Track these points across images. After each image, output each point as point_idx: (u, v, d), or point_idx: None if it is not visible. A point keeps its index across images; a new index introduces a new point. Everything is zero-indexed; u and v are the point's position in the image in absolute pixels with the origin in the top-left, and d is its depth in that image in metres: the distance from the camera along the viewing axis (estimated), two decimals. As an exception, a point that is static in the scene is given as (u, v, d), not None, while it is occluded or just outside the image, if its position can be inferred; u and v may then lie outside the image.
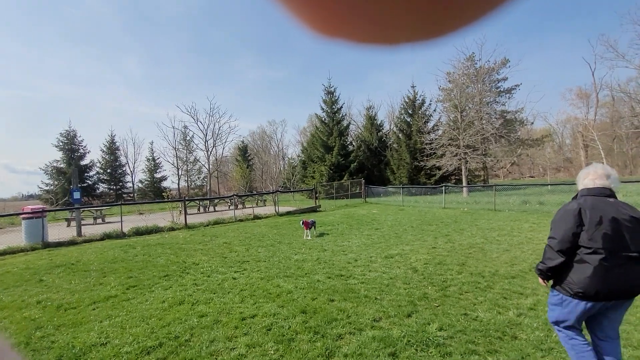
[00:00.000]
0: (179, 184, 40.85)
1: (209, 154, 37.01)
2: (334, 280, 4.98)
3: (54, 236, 10.62)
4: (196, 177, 42.57)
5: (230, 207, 18.96)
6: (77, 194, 11.39)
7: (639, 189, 16.53)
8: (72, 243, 9.95)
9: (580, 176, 2.33)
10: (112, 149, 38.71)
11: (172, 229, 11.95)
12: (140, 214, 18.44)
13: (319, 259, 6.42)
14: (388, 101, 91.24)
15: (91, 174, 36.41)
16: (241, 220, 13.86)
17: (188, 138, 39.85)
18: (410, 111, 31.95)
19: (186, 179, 40.94)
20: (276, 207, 16.07)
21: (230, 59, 78.13)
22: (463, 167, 24.76)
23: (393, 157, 31.30)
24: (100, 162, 37.80)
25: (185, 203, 13.80)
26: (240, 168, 34.59)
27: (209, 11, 73.75)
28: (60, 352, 3.16)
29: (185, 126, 39.78)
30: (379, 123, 35.43)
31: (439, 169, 26.67)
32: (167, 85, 70.09)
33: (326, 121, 32.48)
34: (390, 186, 25.31)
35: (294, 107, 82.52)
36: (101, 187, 37.59)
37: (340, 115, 32.76)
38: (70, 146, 34.38)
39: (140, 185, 40.55)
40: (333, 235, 9.15)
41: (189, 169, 40.82)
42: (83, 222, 13.87)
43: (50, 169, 32.62)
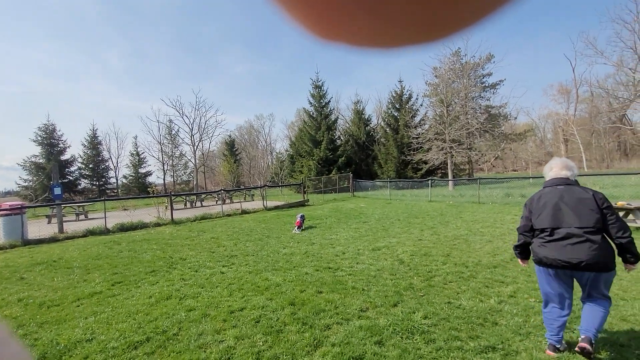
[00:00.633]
0: (164, 179, 40.12)
1: (195, 148, 36.46)
2: (322, 273, 5.04)
3: (34, 233, 10.31)
4: (182, 172, 41.91)
5: (218, 202, 18.78)
6: (58, 190, 11.06)
7: (614, 182, 17.23)
8: (54, 240, 9.69)
9: (545, 169, 2.78)
10: (94, 144, 37.60)
11: (158, 225, 11.77)
12: (125, 209, 18.07)
13: (307, 252, 6.47)
14: (376, 96, 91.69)
15: (72, 169, 35.32)
16: (229, 215, 13.76)
17: (173, 132, 39.13)
18: (397, 106, 32.18)
19: (172, 174, 40.25)
20: (264, 202, 16.01)
21: (216, 52, 76.75)
22: (449, 161, 25.19)
23: (381, 152, 31.54)
24: (82, 157, 36.68)
25: (172, 198, 13.59)
26: (227, 163, 34.25)
27: (193, 3, 71.97)
28: (44, 350, 3.11)
29: (171, 120, 39.05)
30: (366, 117, 35.55)
31: (425, 163, 27.08)
32: (151, 79, 68.32)
33: (314, 115, 32.39)
34: (377, 180, 25.54)
35: (282, 102, 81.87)
36: (83, 183, 36.55)
37: (328, 110, 32.70)
38: (49, 141, 33.19)
39: (124, 180, 39.62)
40: (321, 228, 9.21)
41: (174, 163, 40.14)
42: (65, 219, 13.50)
43: (28, 165, 31.47)
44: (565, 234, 2.45)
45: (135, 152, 39.71)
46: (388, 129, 32.07)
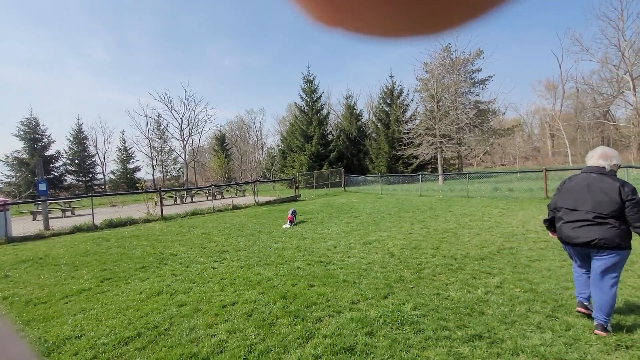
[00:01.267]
0: (153, 175, 39.53)
1: (184, 143, 35.98)
2: (313, 267, 5.07)
3: (19, 230, 10.08)
4: (172, 168, 41.33)
5: (209, 198, 18.61)
6: (43, 186, 10.80)
7: (598, 176, 17.66)
8: (39, 237, 9.49)
9: (587, 157, 3.07)
10: (80, 139, 36.73)
11: (148, 221, 11.63)
12: (113, 206, 17.80)
13: (299, 246, 6.49)
14: (367, 91, 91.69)
15: (57, 164, 34.48)
16: (220, 211, 13.68)
17: (162, 127, 38.46)
18: (388, 101, 32.29)
19: (161, 169, 39.66)
20: (256, 197, 15.95)
21: (203, 43, 75.25)
22: (439, 156, 25.47)
23: (372, 147, 31.67)
24: (67, 153, 35.82)
25: (161, 194, 13.42)
26: (218, 158, 33.87)
27: (181, -7, 70.29)
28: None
29: (159, 114, 38.34)
30: (358, 112, 35.59)
31: (416, 157, 27.31)
32: (138, 72, 66.75)
33: (305, 110, 32.26)
34: (369, 175, 25.68)
35: (273, 96, 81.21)
36: (69, 179, 35.75)
37: (320, 105, 32.61)
38: (33, 135, 32.27)
39: (111, 176, 38.89)
40: (313, 223, 9.24)
41: (164, 159, 39.53)
42: (50, 216, 13.22)
43: (11, 160, 30.59)
44: (578, 217, 2.80)
45: (122, 147, 38.95)
46: (379, 124, 32.18)
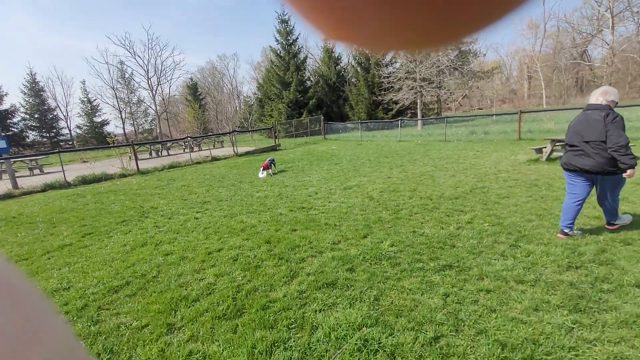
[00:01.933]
0: (124, 128, 37.52)
1: (154, 93, 33.71)
2: (295, 213, 5.21)
3: (-15, 190, 9.59)
4: (143, 120, 39.26)
5: (186, 150, 18.09)
6: (3, 143, 10.07)
7: (567, 117, 18.26)
8: (9, 196, 9.10)
9: (590, 95, 3.36)
10: (36, 91, 33.63)
11: (124, 176, 11.30)
12: (84, 162, 17.03)
13: (281, 194, 6.58)
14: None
15: (15, 120, 31.91)
16: (198, 163, 13.41)
17: (127, 76, 35.55)
18: (368, 42, 30.73)
19: (132, 122, 37.59)
20: (234, 148, 15.64)
21: (165, -22, 66.76)
22: (418, 101, 25.31)
23: (352, 93, 30.90)
24: (24, 107, 32.96)
25: (135, 147, 12.87)
26: (192, 108, 32.25)
27: None
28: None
29: (122, 62, 35.15)
30: (337, 56, 33.92)
31: (395, 103, 27.03)
32: (91, 13, 59.28)
33: (281, 54, 30.42)
34: (349, 122, 25.41)
35: (246, 40, 75.38)
36: (31, 135, 33.48)
37: (297, 48, 30.73)
38: (-20, 88, 29.19)
39: (78, 131, 36.64)
40: (294, 171, 9.29)
41: (133, 111, 37.26)
42: (17, 174, 12.55)
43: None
44: (575, 147, 3.29)
45: (86, 99, 36.17)
46: (359, 68, 31.04)
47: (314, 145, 17.56)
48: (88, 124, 36.37)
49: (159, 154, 18.07)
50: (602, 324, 2.17)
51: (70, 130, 36.62)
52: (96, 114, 36.74)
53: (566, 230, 3.48)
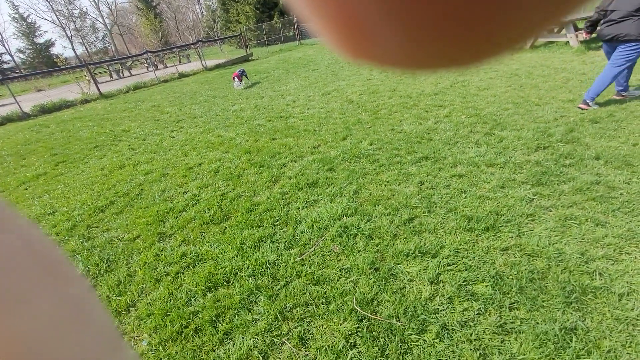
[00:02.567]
0: (74, 49, 33.29)
1: (97, 1, 28.93)
2: (274, 122, 5.07)
3: None
4: (94, 38, 34.60)
5: (149, 69, 16.51)
6: None
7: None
8: (-35, 133, 8.44)
9: None
10: (-48, 8, 28.24)
11: (87, 101, 10.46)
12: (39, 90, 15.49)
13: (257, 106, 6.30)
14: None
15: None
16: (166, 81, 12.39)
17: (58, -19, 29.83)
18: None
19: (81, 40, 33.13)
20: (203, 62, 14.31)
21: None
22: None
23: (327, -14, 27.17)
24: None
25: (90, 69, 11.59)
26: (146, 19, 28.23)
27: None
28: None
29: (46, -38, 28.95)
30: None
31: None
32: None
33: (240, -61, 25.47)
34: (325, 23, 23.04)
35: None
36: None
37: None
38: None
39: (21, 56, 32.34)
40: (269, 82, 8.74)
41: (78, 27, 32.45)
42: (-34, 109, 11.42)
43: None
44: (616, 16, 3.32)
45: (17, 16, 30.92)
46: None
47: (288, 52, 16.21)
48: (30, 47, 31.90)
49: (120, 74, 16.49)
50: (559, 193, 2.37)
51: (12, 56, 32.26)
52: (36, 34, 31.91)
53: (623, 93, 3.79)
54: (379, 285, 1.84)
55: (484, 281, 1.77)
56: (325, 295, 1.83)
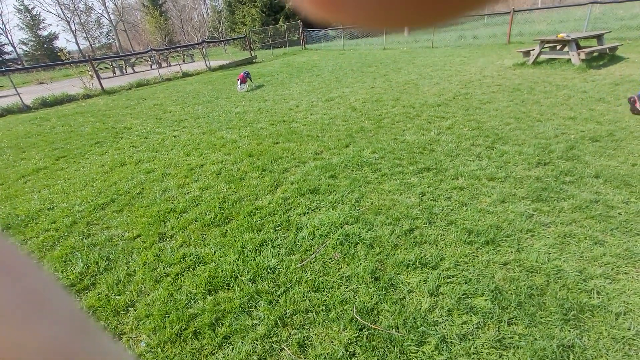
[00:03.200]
0: (77, 43, 33.29)
1: (103, -2, 29.03)
2: (277, 126, 5.09)
3: None
4: (98, 33, 34.63)
5: (153, 66, 16.54)
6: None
7: (561, 17, 17.22)
8: (-35, 123, 8.39)
9: None
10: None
11: (89, 96, 10.45)
12: (41, 83, 15.45)
13: (261, 109, 6.33)
14: None
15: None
16: (169, 80, 12.41)
17: (65, -25, 29.92)
18: None
19: (85, 35, 33.15)
20: (207, 62, 14.35)
21: None
22: (406, 2, 22.93)
23: (333, -7, 27.41)
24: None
25: (94, 64, 11.60)
26: (152, 17, 28.33)
27: None
28: (4, 222, 3.12)
29: (54, -44, 29.07)
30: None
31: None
32: None
33: (249, -57, 25.69)
34: (330, 29, 23.23)
35: None
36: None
37: None
38: None
39: (24, 48, 32.29)
40: (273, 85, 8.78)
41: (83, 21, 32.49)
42: (-34, 99, 11.37)
43: None
44: None
45: (22, 7, 30.93)
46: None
47: (293, 56, 16.30)
48: (34, 39, 31.86)
49: (123, 71, 16.50)
50: (559, 210, 2.40)
51: (14, 47, 32.21)
52: (40, 26, 31.90)
53: None
54: (379, 295, 1.85)
55: (484, 295, 1.78)
56: (325, 303, 1.84)
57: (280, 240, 2.41)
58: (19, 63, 31.93)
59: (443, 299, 1.79)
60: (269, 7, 25.66)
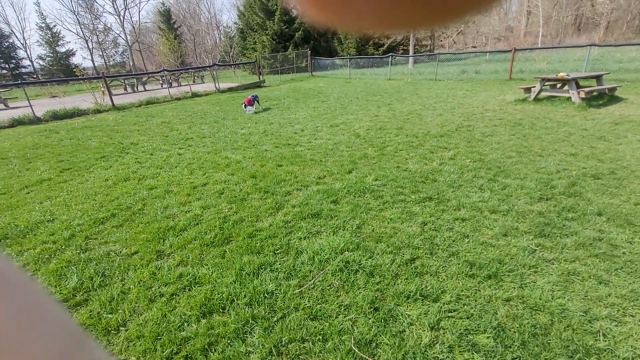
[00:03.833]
0: (92, 60, 34.47)
1: (122, 19, 30.37)
2: (281, 149, 5.16)
3: (-53, 125, 8.94)
4: (113, 52, 35.96)
5: (164, 86, 17.03)
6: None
7: (561, 57, 17.82)
8: (-25, 132, 8.55)
9: None
10: (-17, 13, 29.61)
11: (99, 111, 10.68)
12: (54, 96, 15.86)
13: (266, 131, 6.44)
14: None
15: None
16: (178, 99, 12.73)
17: (88, -3, 31.51)
18: (361, -35, 27.66)
19: (101, 53, 34.40)
20: (216, 84, 14.78)
21: None
22: (411, 36, 23.92)
23: (341, 25, 28.62)
24: (-28, 32, 29.35)
25: (107, 81, 11.96)
26: (166, 39, 29.52)
27: None
28: (3, 232, 3.10)
29: (80, -20, 30.80)
30: (325, -19, 30.58)
31: (387, 37, 25.47)
32: None
33: (264, -24, 27.18)
34: (337, 58, 24.07)
35: (222, -44, 66.22)
36: (-12, 66, 30.42)
37: (280, -31, 27.39)
38: None
39: (41, 62, 33.44)
40: (279, 109, 8.98)
41: (100, 40, 33.84)
42: (-20, 108, 11.65)
43: None
44: None
45: (44, 25, 32.33)
46: (349, -4, 28.33)
47: (300, 82, 16.79)
48: (51, 54, 33.07)
49: (135, 89, 16.96)
50: (562, 246, 2.38)
51: (32, 62, 33.37)
52: (59, 43, 33.21)
53: None
54: (378, 327, 1.79)
55: (486, 332, 1.73)
56: (322, 332, 1.78)
57: (279, 264, 2.38)
58: (34, 76, 32.98)
59: (444, 334, 1.74)
60: (279, 35, 26.74)
